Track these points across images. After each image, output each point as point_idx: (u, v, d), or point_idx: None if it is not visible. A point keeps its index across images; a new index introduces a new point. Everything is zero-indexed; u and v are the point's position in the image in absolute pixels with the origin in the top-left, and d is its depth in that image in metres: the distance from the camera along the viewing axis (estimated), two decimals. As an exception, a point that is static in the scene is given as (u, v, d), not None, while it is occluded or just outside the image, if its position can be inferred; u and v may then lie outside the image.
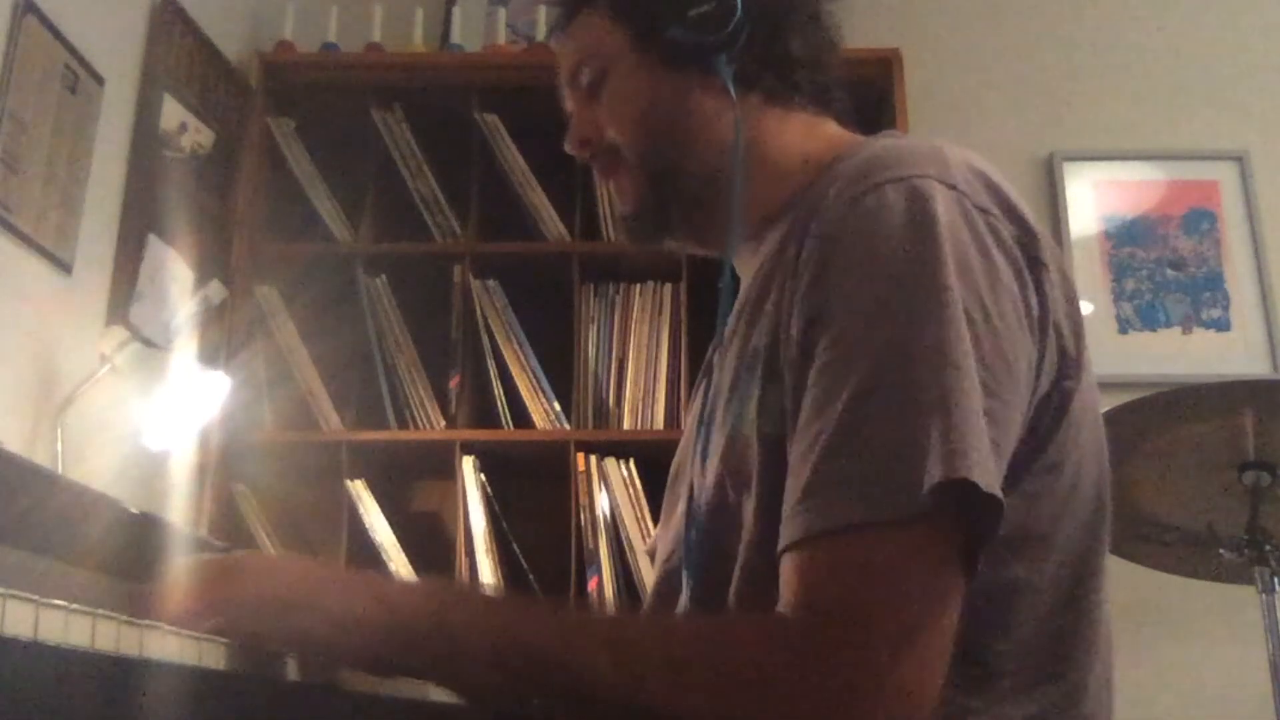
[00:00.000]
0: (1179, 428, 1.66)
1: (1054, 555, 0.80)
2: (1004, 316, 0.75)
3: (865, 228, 0.77)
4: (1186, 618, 2.41)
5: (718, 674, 0.70)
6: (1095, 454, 0.85)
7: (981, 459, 0.70)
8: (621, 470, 2.32)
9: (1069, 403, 0.80)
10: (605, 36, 0.98)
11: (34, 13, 1.87)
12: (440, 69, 2.61)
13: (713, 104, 0.95)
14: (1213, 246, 2.72)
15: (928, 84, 2.71)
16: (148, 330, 2.13)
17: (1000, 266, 0.77)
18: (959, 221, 0.77)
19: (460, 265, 2.46)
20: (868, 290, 0.75)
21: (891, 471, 0.70)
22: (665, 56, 0.95)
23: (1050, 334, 0.79)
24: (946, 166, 0.81)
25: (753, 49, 0.95)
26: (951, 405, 0.70)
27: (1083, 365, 0.82)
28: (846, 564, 0.70)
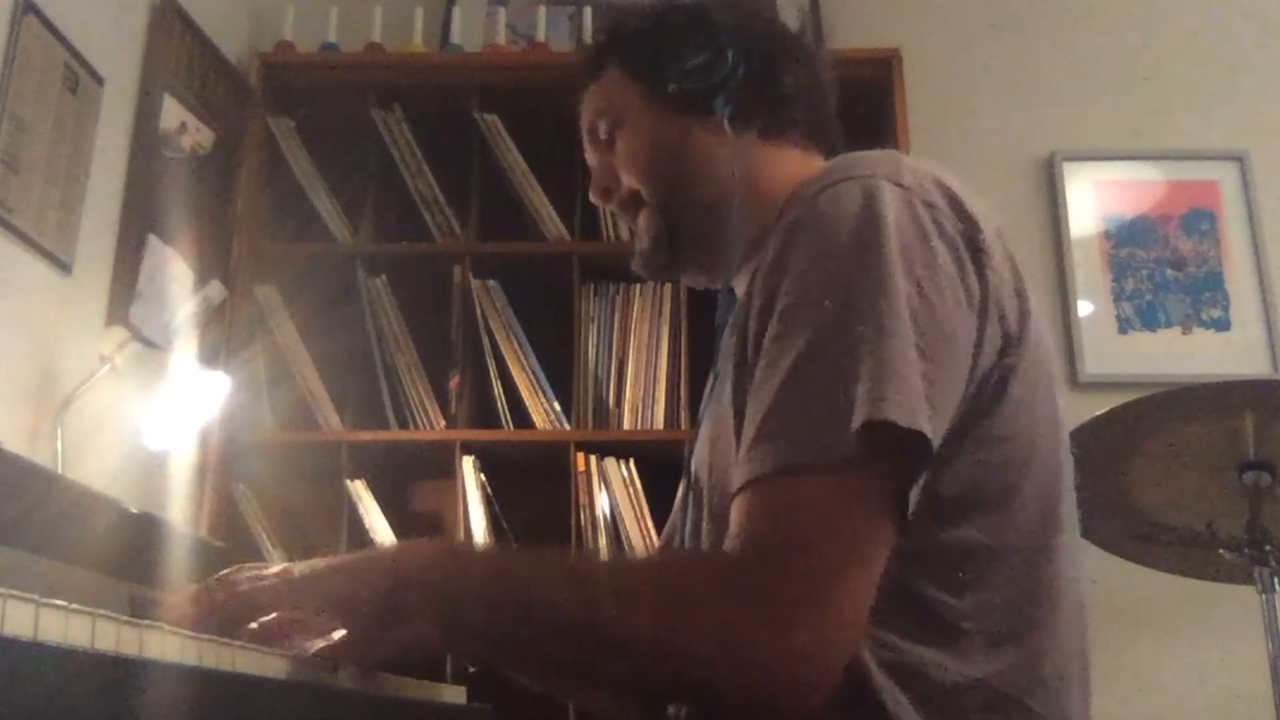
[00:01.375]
0: (1179, 428, 1.66)
1: (1011, 521, 0.86)
2: (941, 293, 0.83)
3: (819, 217, 0.86)
4: (1186, 618, 2.41)
5: (658, 599, 0.78)
6: (1050, 435, 0.92)
7: (904, 402, 0.77)
8: (621, 470, 2.32)
9: (1009, 376, 0.87)
10: (618, 92, 1.12)
11: (34, 13, 1.87)
12: (440, 69, 2.61)
13: (713, 143, 1.06)
14: (1213, 246, 2.72)
15: (928, 84, 2.71)
16: (148, 330, 2.13)
17: (940, 252, 0.85)
18: (903, 213, 0.85)
19: (460, 265, 2.46)
20: (817, 270, 0.84)
21: (823, 419, 0.78)
22: (670, 104, 1.08)
23: (991, 313, 0.86)
24: (898, 168, 0.89)
25: (747, 91, 1.07)
26: (881, 362, 0.78)
27: (1026, 342, 0.88)
28: (778, 503, 0.78)
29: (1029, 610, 0.86)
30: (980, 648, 0.83)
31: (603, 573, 0.85)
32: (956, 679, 0.82)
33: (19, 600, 0.49)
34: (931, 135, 2.68)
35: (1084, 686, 0.91)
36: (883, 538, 0.77)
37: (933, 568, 0.82)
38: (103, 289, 2.08)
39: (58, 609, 0.52)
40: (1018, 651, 0.85)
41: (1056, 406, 0.94)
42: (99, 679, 0.54)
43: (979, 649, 0.83)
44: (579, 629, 0.79)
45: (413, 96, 2.54)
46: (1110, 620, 2.40)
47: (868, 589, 0.76)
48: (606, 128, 1.12)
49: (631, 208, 1.12)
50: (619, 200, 1.13)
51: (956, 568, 0.84)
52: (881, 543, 0.77)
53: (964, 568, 0.84)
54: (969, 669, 0.83)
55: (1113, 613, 2.40)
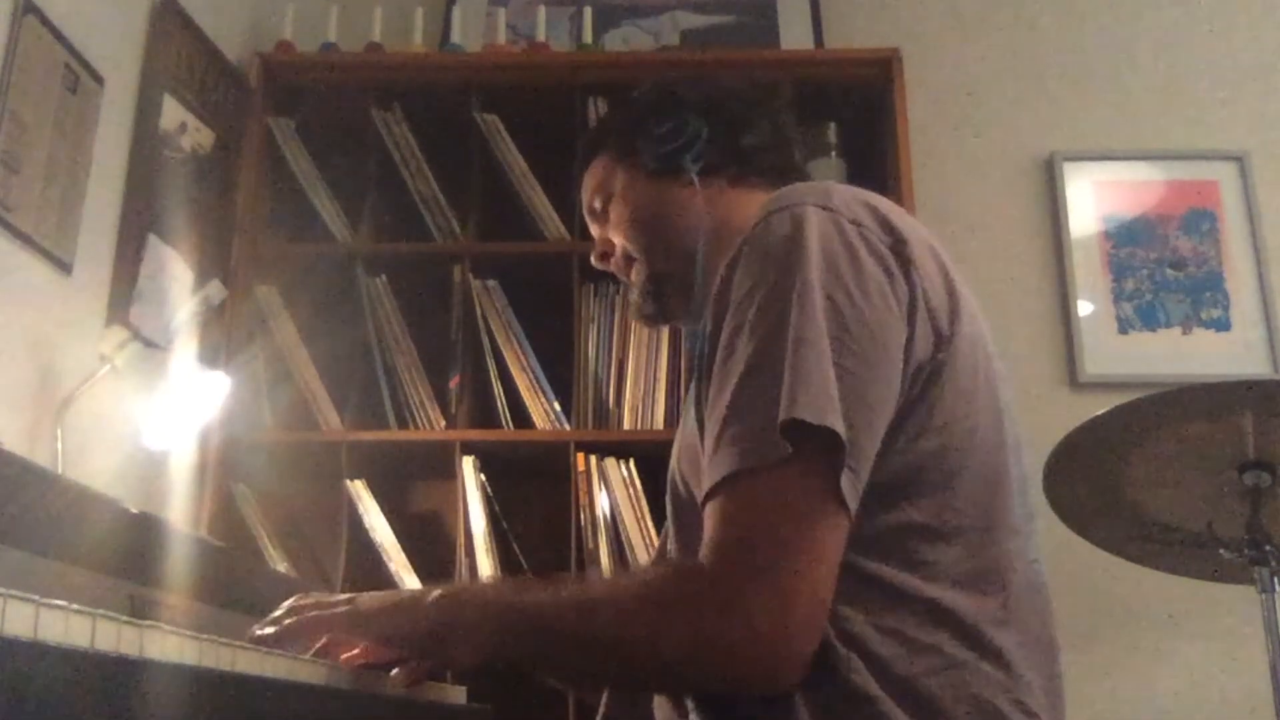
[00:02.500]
0: (1179, 428, 1.66)
1: (951, 504, 0.93)
2: (870, 300, 0.91)
3: (755, 247, 0.95)
4: (1186, 618, 2.41)
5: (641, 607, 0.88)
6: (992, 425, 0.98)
7: (813, 401, 0.85)
8: (621, 470, 2.32)
9: (942, 369, 0.94)
10: (610, 171, 1.29)
11: (34, 13, 1.87)
12: (440, 69, 2.61)
13: (687, 197, 1.22)
14: (1213, 246, 2.72)
15: (928, 84, 2.71)
16: (148, 330, 2.13)
17: (865, 263, 0.93)
18: (830, 232, 0.94)
19: (460, 265, 2.46)
20: (753, 295, 0.93)
21: (757, 426, 0.87)
22: (649, 173, 1.24)
23: (920, 314, 0.94)
24: (828, 195, 0.98)
25: (713, 149, 1.23)
26: (796, 370, 0.87)
27: (958, 337, 0.96)
28: (730, 508, 0.87)
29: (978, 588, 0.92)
30: (934, 617, 0.90)
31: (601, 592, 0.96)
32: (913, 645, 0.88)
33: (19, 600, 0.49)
34: (931, 135, 2.68)
35: (1048, 666, 0.96)
36: (828, 524, 0.85)
37: (880, 547, 0.90)
38: (103, 289, 2.08)
39: (58, 609, 0.52)
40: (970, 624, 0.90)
41: (997, 395, 1.00)
42: (99, 679, 0.54)
43: (933, 619, 0.90)
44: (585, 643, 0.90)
45: (413, 96, 2.55)
46: (1110, 620, 2.41)
47: (821, 572, 0.85)
48: (601, 203, 1.29)
49: (625, 266, 1.28)
50: (615, 262, 1.29)
51: (902, 547, 0.91)
52: (828, 529, 0.85)
53: (909, 547, 0.91)
54: (924, 635, 0.89)
55: (1113, 613, 2.40)
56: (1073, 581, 0.94)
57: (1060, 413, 1.81)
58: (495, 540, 2.31)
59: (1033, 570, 0.98)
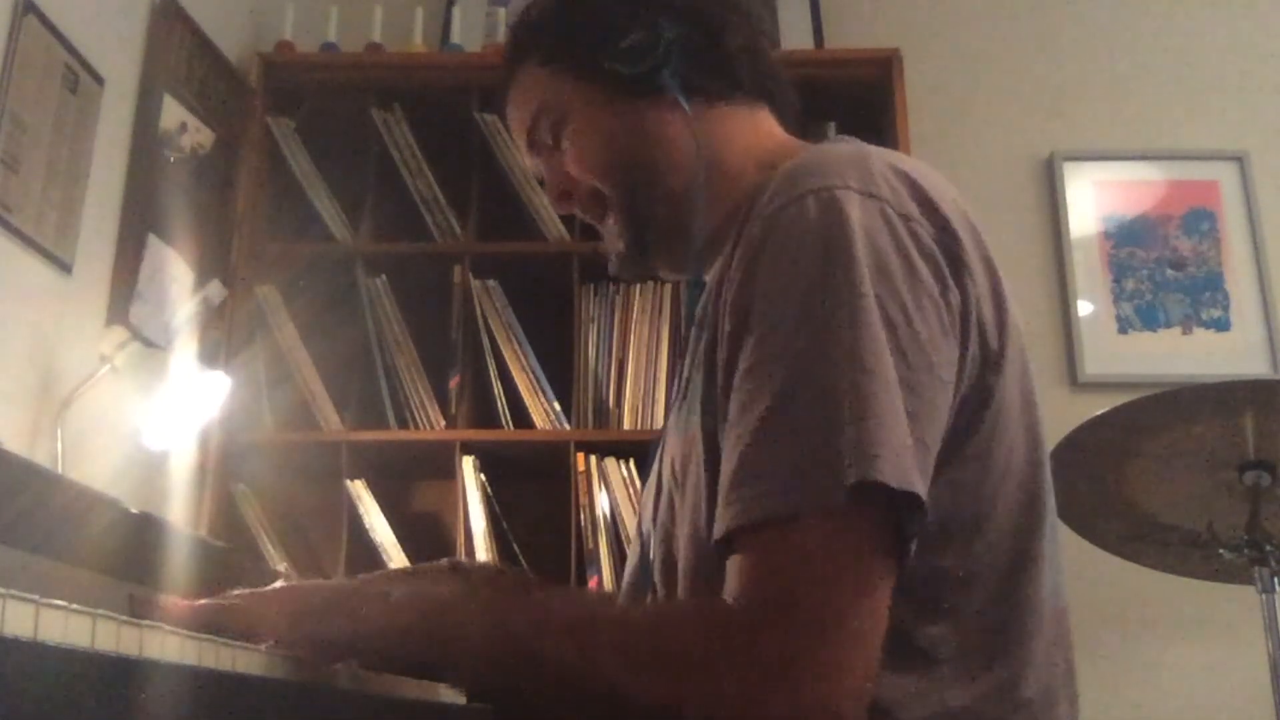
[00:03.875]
0: (1179, 428, 1.66)
1: (984, 543, 0.83)
2: (925, 318, 0.79)
3: (786, 238, 0.80)
4: (1186, 618, 2.41)
5: (660, 656, 0.76)
6: (1026, 443, 0.87)
7: (893, 458, 0.73)
8: (621, 470, 2.32)
9: (991, 396, 0.83)
10: (549, 86, 1.03)
11: (34, 13, 1.87)
12: (440, 69, 2.62)
13: (666, 122, 0.99)
14: (1213, 246, 2.72)
15: (928, 84, 2.71)
16: (148, 330, 2.13)
17: (920, 270, 0.80)
18: (878, 227, 0.80)
19: (460, 265, 2.46)
20: (788, 297, 0.79)
21: (809, 466, 0.74)
22: (611, 90, 1.00)
23: (973, 334, 0.82)
24: (869, 174, 0.83)
25: (689, 58, 0.99)
26: (864, 408, 0.74)
27: (1006, 357, 0.84)
28: (771, 555, 0.74)
29: (1007, 633, 0.84)
30: (958, 675, 0.81)
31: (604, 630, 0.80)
32: (935, 708, 0.80)
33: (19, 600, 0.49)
34: (931, 135, 2.68)
35: (1070, 694, 0.89)
36: (881, 586, 0.74)
37: (905, 598, 0.77)
38: (103, 289, 2.08)
39: (58, 609, 0.52)
40: (997, 676, 0.82)
41: (1034, 408, 0.89)
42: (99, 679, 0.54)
43: (956, 677, 0.81)
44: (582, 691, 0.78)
45: (413, 96, 2.54)
46: (1111, 620, 2.41)
47: (872, 635, 0.74)
48: (548, 128, 1.03)
49: (596, 208, 1.05)
50: (581, 202, 1.05)
51: (930, 597, 0.81)
52: (880, 591, 0.74)
53: (937, 596, 0.81)
54: (948, 698, 0.80)
55: (1113, 613, 2.40)
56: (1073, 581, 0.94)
57: (1060, 413, 1.81)
58: (495, 540, 2.31)
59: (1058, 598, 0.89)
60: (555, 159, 1.05)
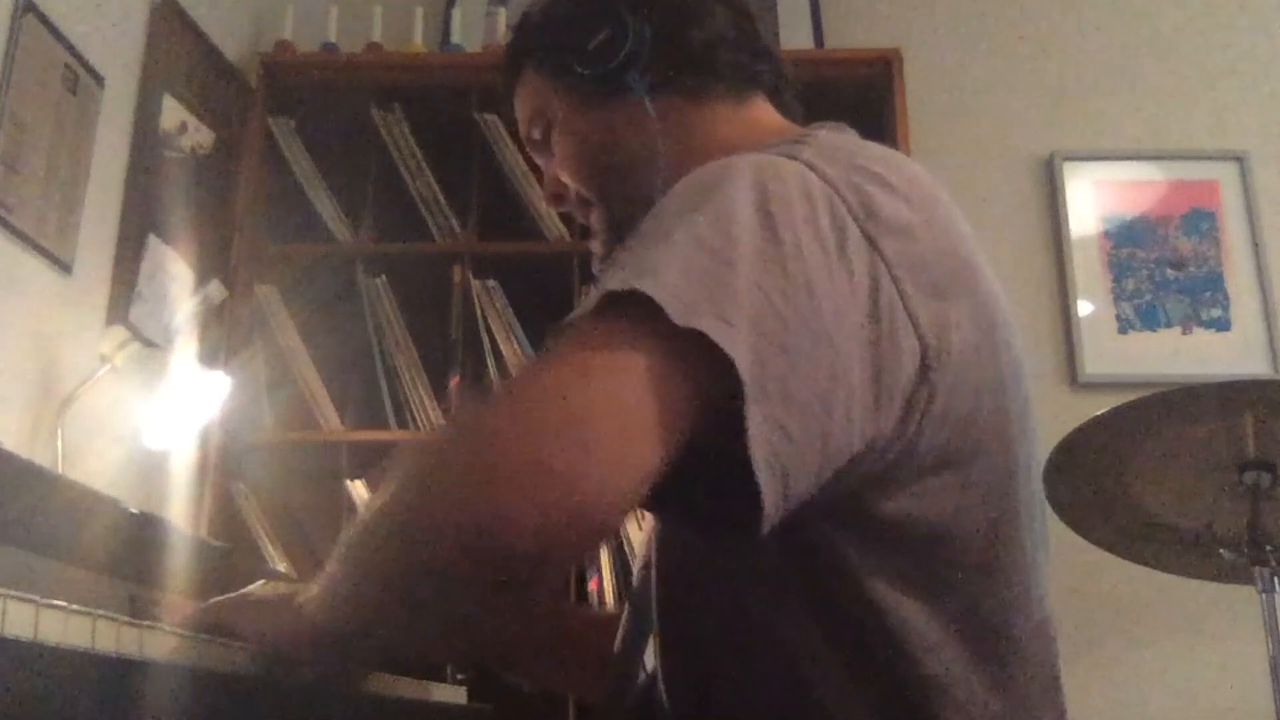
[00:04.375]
0: (1179, 428, 1.66)
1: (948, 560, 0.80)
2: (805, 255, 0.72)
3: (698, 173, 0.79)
4: (1186, 618, 2.41)
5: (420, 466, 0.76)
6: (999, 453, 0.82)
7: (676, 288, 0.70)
8: (621, 470, 2.32)
9: (936, 394, 0.76)
10: (539, 93, 1.03)
11: (34, 13, 1.87)
12: (440, 69, 2.61)
13: (636, 122, 0.98)
14: (1213, 246, 2.72)
15: (928, 84, 2.71)
16: (148, 330, 2.13)
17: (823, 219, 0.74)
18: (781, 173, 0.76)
19: (460, 265, 2.46)
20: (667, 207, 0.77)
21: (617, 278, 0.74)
22: (585, 94, 1.00)
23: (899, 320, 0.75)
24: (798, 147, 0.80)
25: (658, 57, 0.97)
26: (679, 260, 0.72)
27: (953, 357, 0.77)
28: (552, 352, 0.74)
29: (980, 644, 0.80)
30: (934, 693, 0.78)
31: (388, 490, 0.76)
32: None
33: (19, 600, 0.49)
34: (931, 135, 2.68)
35: (1055, 704, 0.86)
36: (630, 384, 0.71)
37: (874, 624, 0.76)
38: (103, 289, 2.08)
39: (58, 609, 0.52)
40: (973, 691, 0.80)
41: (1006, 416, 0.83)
42: (99, 679, 0.54)
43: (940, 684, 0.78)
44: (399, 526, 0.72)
45: (413, 96, 2.54)
46: (1110, 620, 2.40)
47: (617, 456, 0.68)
48: (540, 132, 1.05)
49: (583, 209, 1.05)
50: (571, 203, 1.06)
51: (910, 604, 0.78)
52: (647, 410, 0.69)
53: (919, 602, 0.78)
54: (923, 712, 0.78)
55: (1113, 613, 2.40)
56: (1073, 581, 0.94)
57: (1060, 413, 1.81)
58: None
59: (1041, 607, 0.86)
60: (548, 162, 1.06)
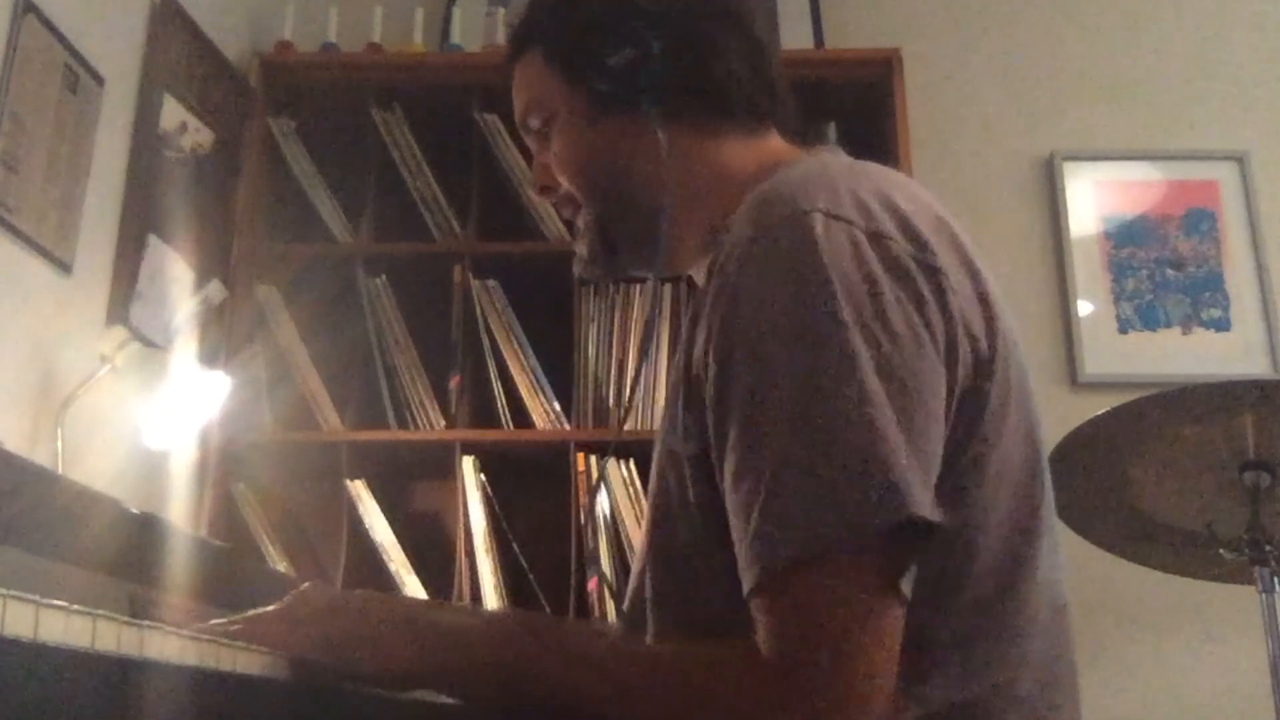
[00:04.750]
0: (1179, 428, 1.66)
1: (980, 544, 0.83)
2: (897, 340, 0.78)
3: (760, 274, 0.81)
4: (1186, 618, 2.41)
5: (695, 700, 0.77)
6: (1023, 446, 0.87)
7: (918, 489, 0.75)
8: (621, 470, 2.32)
9: (986, 401, 0.83)
10: (545, 82, 1.03)
11: (34, 13, 1.87)
12: (440, 69, 2.62)
13: (645, 145, 0.98)
14: (1213, 246, 2.72)
15: (928, 84, 2.71)
16: (148, 330, 2.13)
17: (887, 293, 0.79)
18: (843, 254, 0.79)
19: (460, 265, 2.46)
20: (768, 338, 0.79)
21: (836, 507, 0.74)
22: (596, 102, 1.00)
23: (960, 342, 0.82)
24: (836, 195, 0.83)
25: (677, 85, 0.98)
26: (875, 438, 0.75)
27: (997, 362, 0.84)
28: (804, 597, 0.75)
29: (1003, 633, 0.84)
30: (953, 676, 0.82)
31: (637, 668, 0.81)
32: (933, 707, 0.81)
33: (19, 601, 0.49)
34: (931, 135, 2.68)
35: (1071, 690, 0.89)
36: (895, 612, 0.76)
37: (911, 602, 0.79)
38: (103, 289, 2.08)
39: (58, 609, 0.52)
40: (992, 674, 0.83)
41: (1029, 408, 0.89)
42: (99, 679, 0.54)
43: (952, 677, 0.82)
44: None
45: (413, 96, 2.54)
46: (1110, 620, 2.41)
47: (890, 662, 0.75)
48: (539, 122, 1.04)
49: (571, 207, 1.06)
50: (558, 198, 1.07)
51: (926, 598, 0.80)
52: (894, 616, 0.76)
53: (934, 598, 0.81)
54: (945, 696, 0.81)
55: (1113, 613, 2.40)
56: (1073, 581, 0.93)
57: (1060, 413, 1.81)
58: (495, 540, 2.31)
59: (1055, 593, 0.89)
60: (542, 151, 1.06)
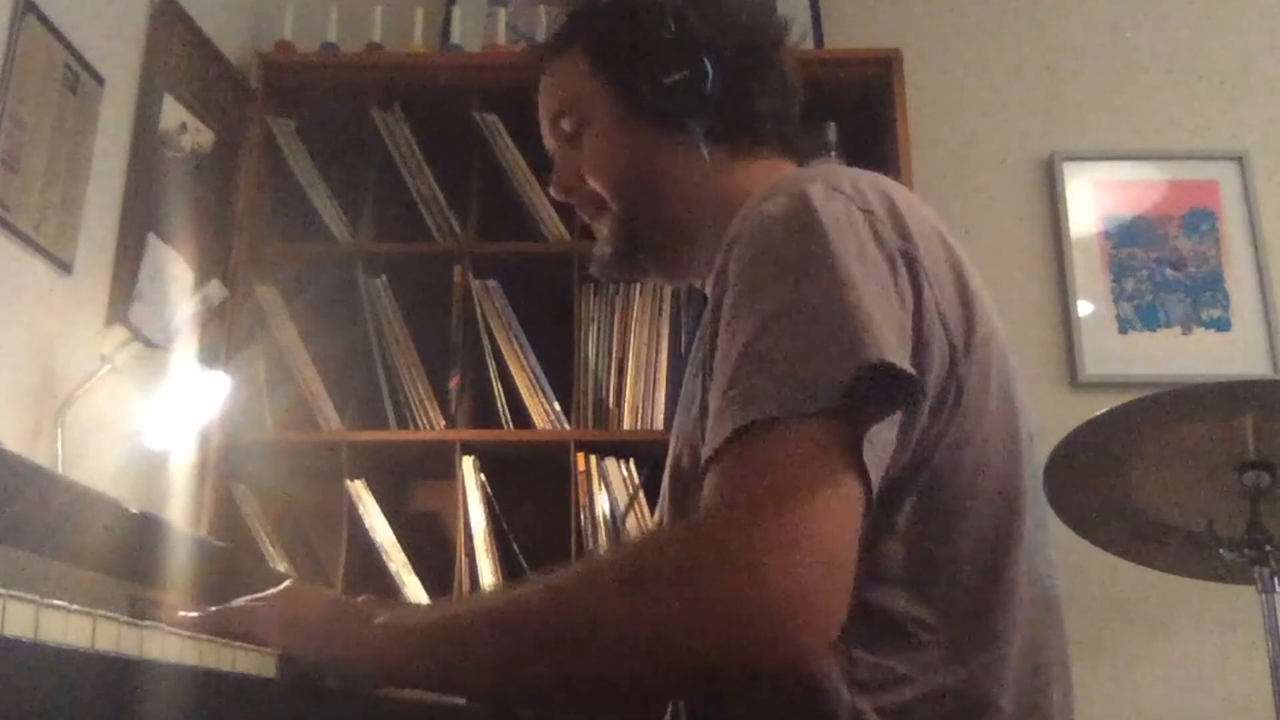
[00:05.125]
0: (1179, 428, 1.66)
1: (965, 527, 0.85)
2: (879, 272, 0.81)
3: (755, 224, 0.84)
4: (1186, 618, 2.41)
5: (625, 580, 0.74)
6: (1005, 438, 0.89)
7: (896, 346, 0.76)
8: (621, 470, 2.32)
9: (964, 387, 0.85)
10: (586, 85, 1.07)
11: (34, 13, 1.87)
12: (440, 69, 2.61)
13: (682, 160, 1.03)
14: (1213, 246, 2.72)
15: (928, 84, 2.71)
16: (148, 330, 2.13)
17: (872, 251, 0.82)
18: (839, 212, 0.83)
19: (460, 265, 2.46)
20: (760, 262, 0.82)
21: (799, 372, 0.74)
22: (641, 115, 1.04)
23: (934, 326, 0.84)
24: (836, 177, 0.88)
25: (722, 110, 1.03)
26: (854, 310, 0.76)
27: (974, 354, 0.87)
28: (744, 462, 0.74)
29: (992, 616, 0.85)
30: (943, 656, 0.82)
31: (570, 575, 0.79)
32: (923, 689, 0.81)
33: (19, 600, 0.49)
34: (931, 135, 2.68)
35: (1064, 681, 0.90)
36: (854, 484, 0.73)
37: (889, 578, 0.81)
38: (103, 289, 2.08)
39: (58, 609, 0.52)
40: (983, 656, 0.84)
41: (1013, 403, 0.91)
42: (99, 679, 0.54)
43: (942, 657, 0.82)
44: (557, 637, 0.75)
45: (413, 96, 2.54)
46: (1110, 620, 2.41)
47: (847, 527, 0.72)
48: (572, 124, 1.08)
49: (592, 208, 1.10)
50: (581, 199, 1.10)
51: (912, 577, 0.82)
52: (853, 489, 0.73)
53: (923, 578, 0.83)
54: (935, 677, 0.82)
55: (1113, 613, 2.40)
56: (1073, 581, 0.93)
57: (1060, 413, 1.81)
58: (495, 540, 2.31)
59: (1047, 586, 0.91)
60: (570, 153, 1.09)
